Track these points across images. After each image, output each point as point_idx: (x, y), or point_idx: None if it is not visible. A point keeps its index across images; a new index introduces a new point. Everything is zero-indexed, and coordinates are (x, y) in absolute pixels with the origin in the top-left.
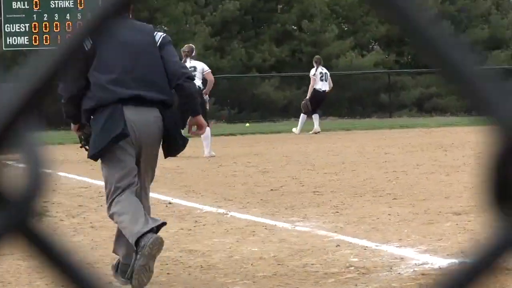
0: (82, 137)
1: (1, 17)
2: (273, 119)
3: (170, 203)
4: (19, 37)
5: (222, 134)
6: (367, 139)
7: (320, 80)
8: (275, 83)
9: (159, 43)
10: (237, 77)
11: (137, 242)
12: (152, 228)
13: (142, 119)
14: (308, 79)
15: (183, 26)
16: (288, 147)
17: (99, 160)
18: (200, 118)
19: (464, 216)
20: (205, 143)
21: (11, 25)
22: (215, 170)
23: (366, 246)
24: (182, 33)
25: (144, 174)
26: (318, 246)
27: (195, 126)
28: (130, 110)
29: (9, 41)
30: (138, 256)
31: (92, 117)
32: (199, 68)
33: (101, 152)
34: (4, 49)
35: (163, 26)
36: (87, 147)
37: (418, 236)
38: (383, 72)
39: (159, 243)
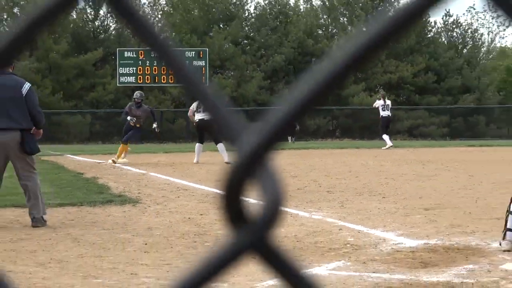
0: None
1: (116, 62)
2: (306, 139)
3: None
4: (128, 77)
5: None
6: (370, 155)
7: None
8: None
9: (25, 94)
10: None
11: None
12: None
13: (7, 138)
14: (331, 112)
15: (244, 72)
16: (313, 159)
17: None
18: (40, 131)
19: (431, 211)
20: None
21: (123, 68)
22: None
23: (360, 230)
24: (243, 77)
25: (17, 166)
26: (326, 229)
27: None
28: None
29: (122, 79)
30: None
31: None
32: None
33: None
34: (118, 84)
35: (231, 72)
36: None
37: (397, 224)
38: None
39: None
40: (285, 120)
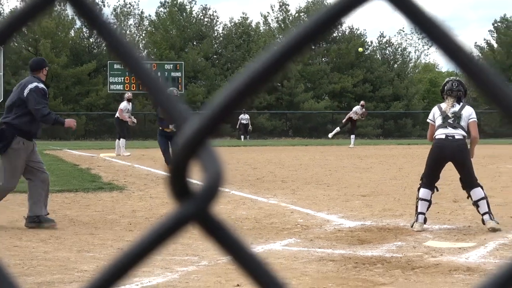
0: None
1: (107, 72)
2: (264, 138)
3: None
4: (117, 85)
5: (232, 145)
6: (317, 151)
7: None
8: (267, 117)
9: (26, 94)
10: (247, 112)
11: None
12: None
13: None
14: (285, 115)
15: (214, 82)
16: (270, 154)
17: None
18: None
19: (367, 197)
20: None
21: (113, 77)
22: None
23: (308, 213)
24: (213, 86)
25: None
26: (281, 212)
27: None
28: None
29: (112, 87)
30: None
31: None
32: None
33: None
34: (108, 91)
35: (202, 82)
36: None
37: (339, 208)
38: (329, 112)
39: None
40: (219, 110)
